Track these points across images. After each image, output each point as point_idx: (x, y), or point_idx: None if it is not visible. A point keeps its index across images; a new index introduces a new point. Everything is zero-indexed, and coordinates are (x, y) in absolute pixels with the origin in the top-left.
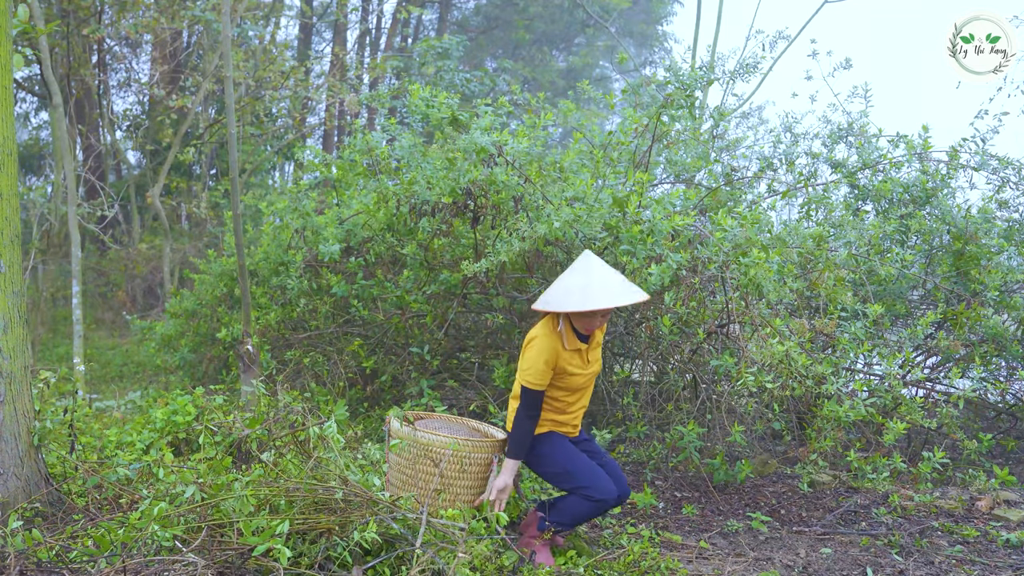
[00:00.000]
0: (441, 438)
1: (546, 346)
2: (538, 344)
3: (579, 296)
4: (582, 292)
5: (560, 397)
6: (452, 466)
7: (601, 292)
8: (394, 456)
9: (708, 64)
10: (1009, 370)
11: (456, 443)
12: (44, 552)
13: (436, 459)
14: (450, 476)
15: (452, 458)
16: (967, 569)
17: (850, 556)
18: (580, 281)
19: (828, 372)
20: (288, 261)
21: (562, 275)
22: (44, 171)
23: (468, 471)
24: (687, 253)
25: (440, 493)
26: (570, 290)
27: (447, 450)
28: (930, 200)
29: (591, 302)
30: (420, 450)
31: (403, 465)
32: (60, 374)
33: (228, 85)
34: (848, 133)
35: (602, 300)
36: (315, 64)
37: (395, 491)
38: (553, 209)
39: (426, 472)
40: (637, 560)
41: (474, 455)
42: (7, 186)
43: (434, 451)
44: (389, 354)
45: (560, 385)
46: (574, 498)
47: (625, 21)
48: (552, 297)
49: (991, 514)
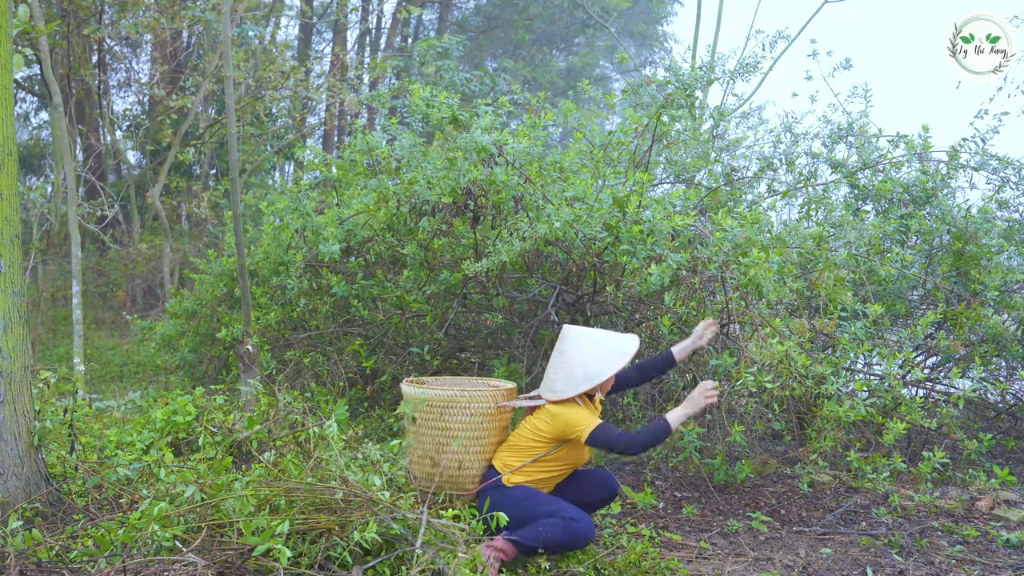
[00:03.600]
0: (440, 391)
1: (574, 407)
2: (568, 408)
3: (596, 367)
4: (598, 362)
5: (553, 469)
6: (456, 417)
7: (609, 355)
8: (409, 424)
9: (708, 64)
10: (1009, 370)
11: (454, 394)
12: (44, 552)
13: (440, 411)
14: (456, 427)
15: (454, 408)
16: (967, 569)
17: (850, 556)
18: (584, 356)
19: (828, 372)
20: (288, 261)
21: (556, 361)
22: (44, 171)
23: (473, 420)
24: (687, 253)
25: (453, 442)
26: (586, 366)
27: (448, 402)
28: (930, 200)
29: (609, 368)
30: (425, 407)
31: (415, 428)
32: (60, 374)
33: (228, 85)
34: (848, 133)
35: (616, 362)
36: (315, 64)
37: (413, 454)
38: (553, 209)
39: (434, 426)
40: (637, 560)
41: (473, 404)
42: (7, 186)
43: (436, 404)
44: (389, 354)
45: (565, 459)
46: (551, 520)
47: (625, 21)
48: (565, 384)
49: (991, 514)
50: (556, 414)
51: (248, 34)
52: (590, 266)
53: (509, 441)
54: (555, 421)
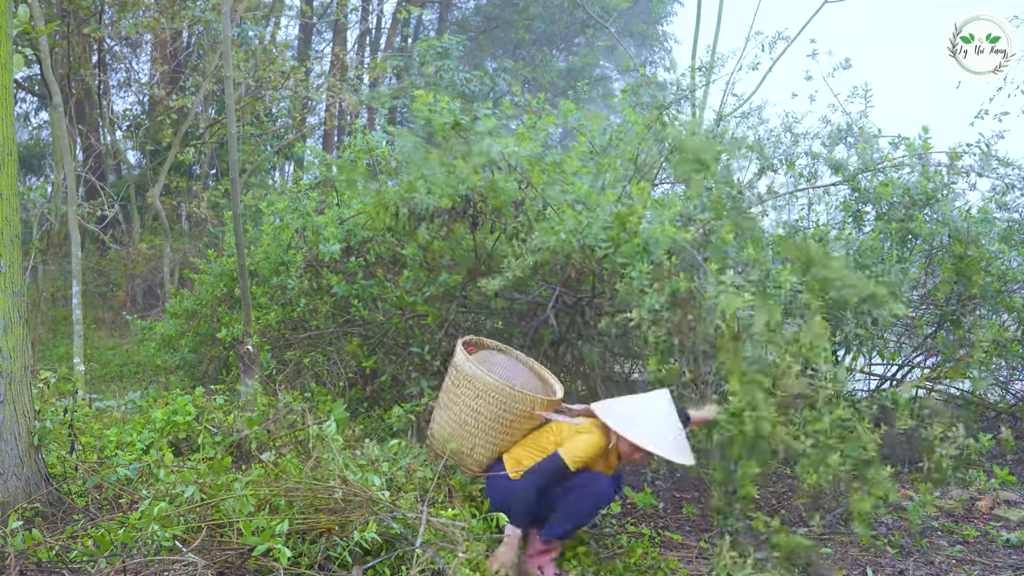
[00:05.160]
0: (486, 375)
1: (597, 446)
2: (593, 440)
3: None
4: (678, 443)
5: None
6: (490, 405)
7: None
8: (448, 381)
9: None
10: (1010, 370)
11: (498, 385)
12: (44, 552)
13: (477, 393)
14: (485, 414)
15: (492, 397)
16: (967, 569)
17: (850, 556)
18: (664, 428)
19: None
20: (288, 261)
21: (634, 403)
22: (44, 171)
23: (504, 415)
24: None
25: (466, 426)
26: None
27: (488, 389)
28: (930, 203)
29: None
30: (465, 381)
31: (449, 388)
32: (60, 374)
33: (228, 85)
34: (847, 134)
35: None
36: (315, 64)
37: (437, 411)
38: (553, 213)
39: (465, 402)
40: (637, 560)
41: (512, 404)
42: (7, 186)
43: (476, 384)
44: (389, 354)
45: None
46: (573, 496)
47: (625, 21)
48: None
49: (991, 514)
50: (575, 432)
51: (248, 34)
52: (589, 271)
53: (527, 440)
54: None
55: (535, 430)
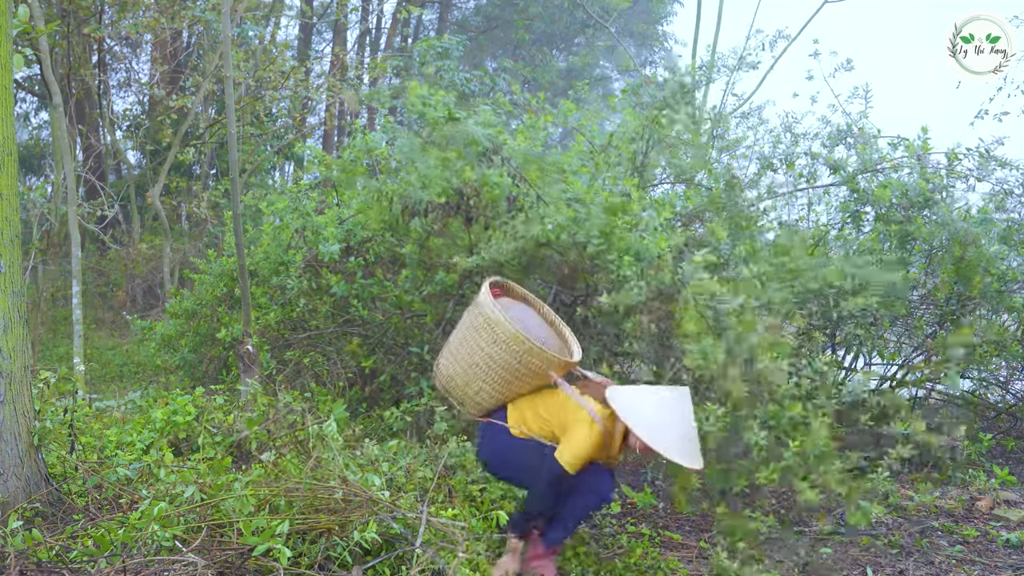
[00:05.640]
0: (506, 321)
1: (594, 442)
2: (591, 436)
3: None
4: (692, 447)
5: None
6: (504, 353)
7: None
8: (467, 318)
9: (708, 64)
10: (1010, 370)
11: (516, 333)
12: (44, 552)
13: (494, 337)
14: (498, 359)
15: (507, 345)
16: (967, 569)
17: (850, 556)
18: (679, 431)
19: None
20: (288, 261)
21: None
22: (44, 171)
23: (516, 367)
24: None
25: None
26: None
27: (506, 336)
28: (928, 204)
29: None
30: (484, 323)
31: (467, 326)
32: (60, 374)
33: (228, 85)
34: (847, 135)
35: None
36: (315, 64)
37: (449, 348)
38: (546, 208)
39: (479, 344)
40: (637, 560)
41: (527, 357)
42: (7, 186)
43: (496, 328)
44: (389, 354)
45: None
46: (576, 497)
47: (625, 21)
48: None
49: (991, 514)
50: (578, 426)
51: (248, 34)
52: (582, 269)
53: (535, 398)
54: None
55: (545, 388)
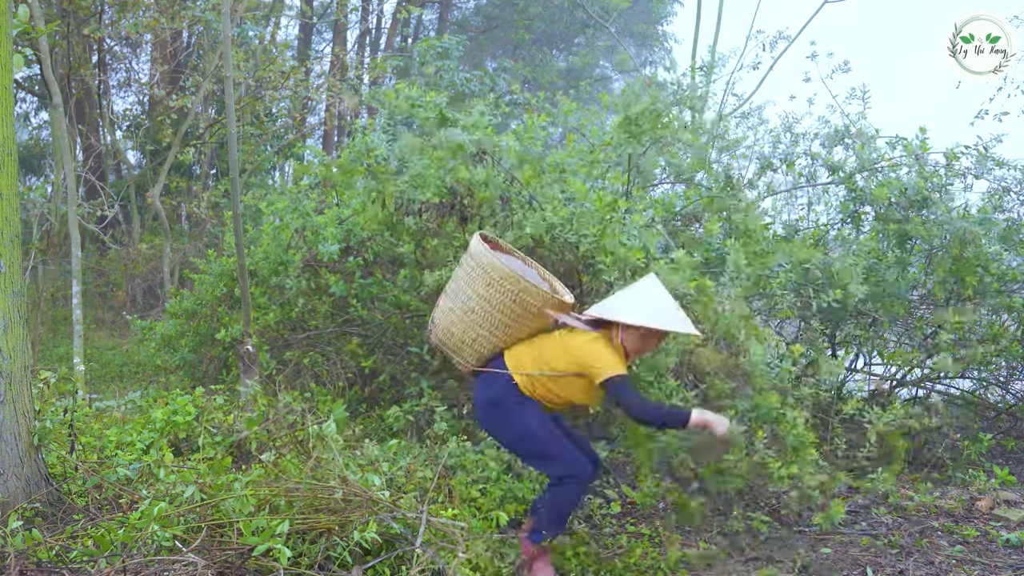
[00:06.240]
0: (501, 265)
1: (619, 349)
2: (602, 343)
3: (663, 317)
4: (679, 316)
5: (557, 395)
6: (499, 295)
7: (680, 321)
8: (460, 270)
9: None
10: (1009, 370)
11: (511, 274)
12: (44, 552)
13: (488, 281)
14: (495, 302)
15: (503, 286)
16: (967, 569)
17: (850, 556)
18: (663, 304)
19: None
20: (287, 261)
21: (626, 292)
22: (44, 171)
23: (512, 307)
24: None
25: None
26: (662, 311)
27: (501, 277)
28: (927, 203)
29: (671, 324)
30: (478, 269)
31: (460, 277)
32: (60, 374)
33: (228, 85)
34: (845, 135)
35: (679, 326)
36: (315, 64)
37: (446, 300)
38: (540, 209)
39: (475, 290)
40: (637, 560)
41: (523, 295)
42: (7, 186)
43: (490, 272)
44: (388, 354)
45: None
46: (556, 491)
47: (625, 21)
48: (625, 310)
49: (991, 514)
50: (585, 346)
51: (248, 34)
52: (576, 268)
53: (534, 342)
54: (582, 352)
55: (540, 334)
